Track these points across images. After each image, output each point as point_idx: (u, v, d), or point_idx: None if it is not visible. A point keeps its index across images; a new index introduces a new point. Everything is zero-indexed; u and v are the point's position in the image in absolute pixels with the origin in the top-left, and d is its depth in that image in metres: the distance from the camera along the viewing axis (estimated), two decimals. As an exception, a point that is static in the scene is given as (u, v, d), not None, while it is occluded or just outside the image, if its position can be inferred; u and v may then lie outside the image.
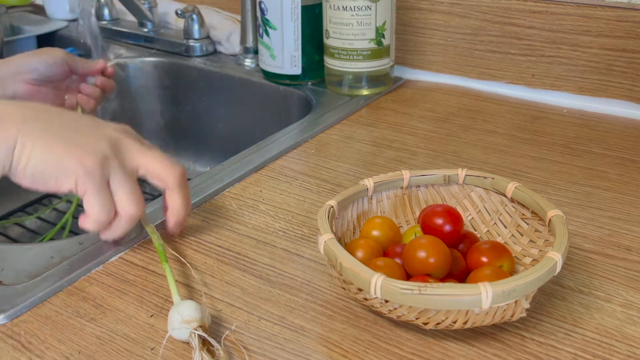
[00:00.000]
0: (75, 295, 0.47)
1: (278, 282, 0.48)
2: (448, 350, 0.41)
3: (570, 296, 0.46)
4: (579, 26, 0.77)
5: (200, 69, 0.98)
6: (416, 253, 0.43)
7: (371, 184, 0.50)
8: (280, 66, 0.86)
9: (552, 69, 0.81)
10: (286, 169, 0.65)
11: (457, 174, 0.51)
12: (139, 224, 0.52)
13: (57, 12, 1.20)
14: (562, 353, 0.40)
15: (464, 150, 0.68)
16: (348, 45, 0.80)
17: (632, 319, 0.43)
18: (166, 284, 0.48)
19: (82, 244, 0.53)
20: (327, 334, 0.42)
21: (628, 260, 0.49)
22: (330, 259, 0.42)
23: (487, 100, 0.82)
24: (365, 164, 0.66)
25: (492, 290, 0.37)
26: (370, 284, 0.38)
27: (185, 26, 1.01)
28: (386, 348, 0.41)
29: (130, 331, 0.43)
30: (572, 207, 0.57)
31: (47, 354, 0.41)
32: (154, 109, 1.06)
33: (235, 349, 0.41)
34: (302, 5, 0.82)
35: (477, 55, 0.86)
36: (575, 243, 0.52)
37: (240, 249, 0.52)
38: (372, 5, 0.77)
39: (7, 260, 0.51)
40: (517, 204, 0.49)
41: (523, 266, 0.46)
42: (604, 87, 0.78)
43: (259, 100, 0.92)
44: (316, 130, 0.73)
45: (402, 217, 0.52)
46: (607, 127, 0.73)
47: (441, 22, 0.87)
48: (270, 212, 0.57)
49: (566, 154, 0.67)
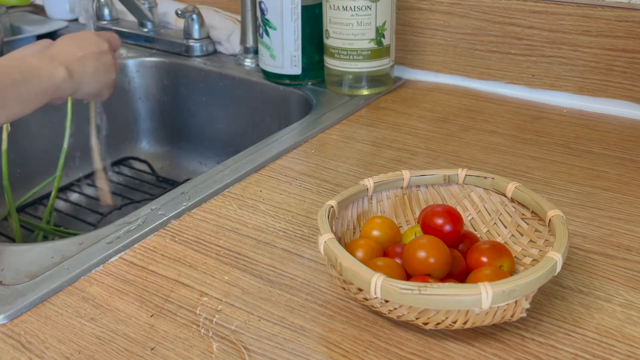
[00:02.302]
0: (75, 295, 0.47)
1: (278, 282, 0.48)
2: (448, 350, 0.41)
3: (570, 296, 0.46)
4: (579, 26, 0.77)
5: (200, 69, 0.98)
6: (416, 253, 0.43)
7: (371, 184, 0.50)
8: (280, 66, 0.86)
9: (552, 69, 0.81)
10: (286, 169, 0.65)
11: (457, 174, 0.51)
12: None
13: (57, 12, 1.20)
14: (562, 353, 0.40)
15: (464, 150, 0.68)
16: (348, 45, 0.80)
17: (632, 319, 0.43)
18: (166, 284, 0.48)
19: (82, 244, 0.53)
20: (327, 334, 0.42)
21: (628, 260, 0.49)
22: (330, 259, 0.42)
23: (487, 100, 0.82)
24: (365, 164, 0.66)
25: (492, 290, 0.37)
26: (370, 284, 0.38)
27: (185, 26, 1.01)
28: (386, 348, 0.41)
29: (130, 331, 0.43)
30: (572, 207, 0.57)
31: (47, 354, 0.41)
32: (154, 109, 1.06)
33: (235, 349, 0.41)
34: (302, 5, 0.82)
35: (477, 55, 0.86)
36: (575, 243, 0.52)
37: (240, 249, 0.52)
38: (372, 5, 0.77)
39: (7, 260, 0.51)
40: (517, 204, 0.49)
41: (523, 266, 0.46)
42: (604, 87, 0.78)
43: (259, 100, 0.92)
44: (316, 130, 0.73)
45: (402, 217, 0.52)
46: (607, 127, 0.73)
47: (441, 22, 0.87)
48: (270, 212, 0.57)
49: (566, 154, 0.67)
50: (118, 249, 0.52)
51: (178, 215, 0.57)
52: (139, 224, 0.55)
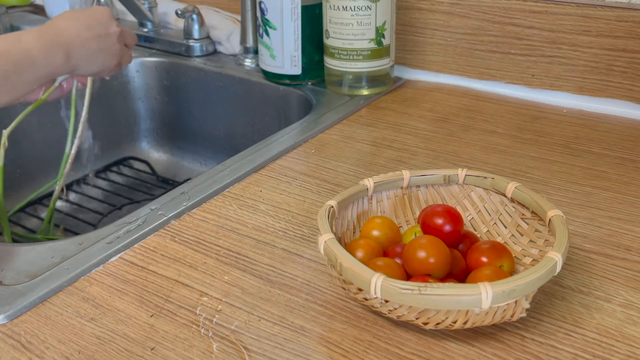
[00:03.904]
0: (75, 295, 0.47)
1: (278, 282, 0.48)
2: (448, 350, 0.41)
3: (570, 296, 0.46)
4: (579, 26, 0.77)
5: (200, 69, 0.98)
6: (416, 253, 0.43)
7: (371, 184, 0.50)
8: (280, 66, 0.86)
9: (552, 69, 0.81)
10: (286, 169, 0.65)
11: (457, 174, 0.51)
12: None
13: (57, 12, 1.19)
14: (562, 353, 0.40)
15: (464, 150, 0.68)
16: (348, 45, 0.80)
17: (632, 319, 0.43)
18: (166, 284, 0.48)
19: (82, 244, 0.53)
20: (327, 334, 0.42)
21: (628, 260, 0.49)
22: (330, 259, 0.42)
23: (487, 100, 0.82)
24: (365, 164, 0.66)
25: (492, 290, 0.37)
26: (370, 284, 0.38)
27: (185, 26, 1.01)
28: (386, 348, 0.41)
29: (130, 331, 0.43)
30: (572, 207, 0.57)
31: (47, 354, 0.41)
32: (154, 109, 1.06)
33: (235, 349, 0.41)
34: (302, 5, 0.82)
35: (477, 55, 0.86)
36: (575, 243, 0.52)
37: (240, 249, 0.52)
38: (372, 5, 0.77)
39: (7, 260, 0.51)
40: (517, 204, 0.49)
41: (523, 266, 0.46)
42: (604, 87, 0.78)
43: (259, 100, 0.92)
44: (316, 130, 0.73)
45: (402, 217, 0.52)
46: (607, 127, 0.73)
47: (441, 22, 0.87)
48: (270, 212, 0.57)
49: (566, 154, 0.67)
50: (118, 249, 0.52)
51: (178, 215, 0.57)
52: (139, 224, 0.55)
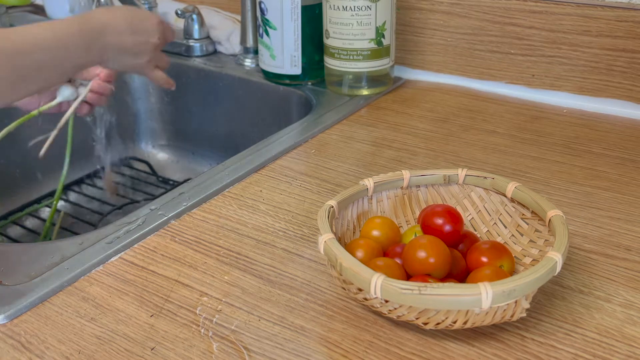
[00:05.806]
0: (75, 295, 0.47)
1: (278, 282, 0.48)
2: (448, 350, 0.41)
3: (570, 296, 0.46)
4: (579, 26, 0.77)
5: (200, 69, 0.98)
6: (416, 253, 0.43)
7: (371, 184, 0.50)
8: (280, 66, 0.86)
9: (552, 69, 0.81)
10: (286, 169, 0.65)
11: (457, 174, 0.51)
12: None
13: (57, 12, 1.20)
14: (562, 353, 0.40)
15: (464, 150, 0.68)
16: (348, 45, 0.80)
17: (632, 319, 0.43)
18: (166, 284, 0.48)
19: (82, 244, 0.53)
20: (327, 334, 0.42)
21: (628, 260, 0.49)
22: (330, 259, 0.42)
23: (487, 100, 0.82)
24: (365, 164, 0.66)
25: (492, 290, 0.37)
26: (370, 284, 0.38)
27: (185, 26, 1.01)
28: (386, 348, 0.41)
29: (130, 331, 0.43)
30: (572, 207, 0.57)
31: (47, 354, 0.41)
32: (154, 109, 1.06)
33: (235, 348, 0.41)
34: (302, 5, 0.82)
35: (477, 55, 0.86)
36: (575, 243, 0.52)
37: (240, 249, 0.52)
38: (372, 5, 0.77)
39: (7, 260, 0.51)
40: (517, 204, 0.49)
41: (523, 266, 0.46)
42: (604, 87, 0.78)
43: (259, 100, 0.92)
44: (316, 130, 0.73)
45: (402, 217, 0.52)
46: (607, 127, 0.73)
47: (441, 22, 0.87)
48: (270, 212, 0.57)
49: (566, 154, 0.67)
50: (118, 249, 0.52)
51: (178, 215, 0.57)
52: (139, 224, 0.55)
